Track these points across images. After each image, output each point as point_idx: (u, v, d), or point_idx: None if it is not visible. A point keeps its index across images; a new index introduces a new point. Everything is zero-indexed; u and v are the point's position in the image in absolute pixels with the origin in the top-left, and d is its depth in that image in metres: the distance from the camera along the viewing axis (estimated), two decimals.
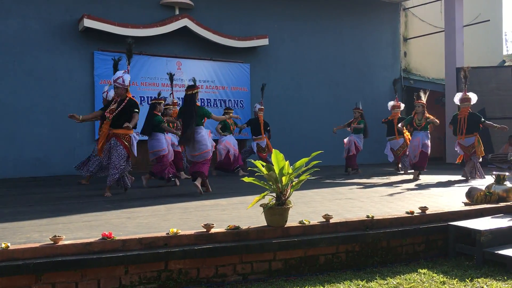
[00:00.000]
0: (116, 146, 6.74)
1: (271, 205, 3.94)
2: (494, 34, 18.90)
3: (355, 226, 4.25)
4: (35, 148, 10.41)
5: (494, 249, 4.20)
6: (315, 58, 14.26)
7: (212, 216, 4.94)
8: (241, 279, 3.74)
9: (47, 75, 10.65)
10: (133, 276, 3.44)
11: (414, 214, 4.61)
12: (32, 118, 10.43)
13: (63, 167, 10.54)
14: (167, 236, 3.60)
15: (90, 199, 6.50)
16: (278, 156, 3.92)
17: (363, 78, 15.02)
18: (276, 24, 13.57)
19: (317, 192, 7.13)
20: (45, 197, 6.78)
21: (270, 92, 13.21)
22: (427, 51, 16.69)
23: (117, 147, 6.73)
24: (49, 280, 3.23)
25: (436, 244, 4.59)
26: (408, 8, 16.49)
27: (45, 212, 5.25)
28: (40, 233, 3.99)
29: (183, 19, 11.76)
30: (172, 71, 10.93)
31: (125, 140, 6.79)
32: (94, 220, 4.68)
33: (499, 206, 5.19)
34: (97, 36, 10.93)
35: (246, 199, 6.13)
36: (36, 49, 10.56)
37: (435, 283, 3.67)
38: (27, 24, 10.49)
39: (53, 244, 3.32)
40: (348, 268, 4.10)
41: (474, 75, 13.34)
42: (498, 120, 13.12)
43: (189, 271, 3.60)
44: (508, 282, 3.67)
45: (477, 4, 17.37)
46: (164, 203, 6.01)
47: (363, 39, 15.23)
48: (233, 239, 3.77)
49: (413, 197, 6.51)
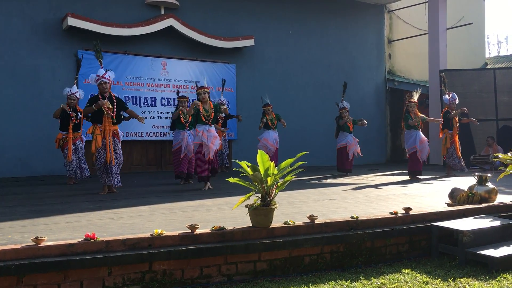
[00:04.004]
0: (117, 143, 7.12)
1: (256, 205, 3.94)
2: (476, 37, 19.18)
3: (340, 226, 4.27)
4: (17, 148, 10.26)
5: (476, 249, 4.25)
6: (300, 59, 14.31)
7: (197, 216, 4.92)
8: (226, 280, 3.73)
9: (29, 74, 10.51)
10: (116, 278, 3.41)
11: (398, 214, 4.65)
12: (14, 118, 10.28)
13: (45, 167, 10.41)
14: (152, 237, 3.57)
15: (73, 199, 6.43)
16: (263, 156, 3.91)
17: (348, 79, 14.98)
18: (261, 25, 13.58)
19: (302, 193, 7.14)
20: (27, 198, 6.69)
21: (256, 92, 13.21)
22: (411, 53, 16.86)
23: (118, 144, 7.13)
24: (31, 282, 3.18)
25: (419, 244, 4.63)
26: (393, 11, 16.64)
27: (27, 213, 5.18)
28: (22, 234, 3.93)
29: (168, 18, 11.70)
30: (158, 71, 10.90)
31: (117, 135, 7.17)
32: (77, 221, 4.63)
33: (481, 206, 5.26)
34: (81, 35, 10.81)
35: (231, 200, 6.12)
36: (19, 48, 10.42)
37: (418, 283, 3.71)
38: (10, 22, 10.34)
39: (35, 245, 3.27)
40: (332, 268, 4.11)
41: (457, 78, 13.57)
42: (480, 122, 13.36)
43: (174, 272, 3.57)
44: (489, 282, 3.72)
45: (461, 7, 17.61)
46: (149, 203, 5.97)
47: (348, 41, 15.33)
48: (218, 240, 3.76)
49: (397, 198, 6.57)
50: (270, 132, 10.64)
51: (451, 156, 10.24)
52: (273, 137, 10.64)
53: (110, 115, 6.95)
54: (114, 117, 7.04)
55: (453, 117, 10.13)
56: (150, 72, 11.86)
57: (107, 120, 6.97)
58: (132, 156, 11.74)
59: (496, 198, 5.60)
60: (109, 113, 6.93)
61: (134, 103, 11.63)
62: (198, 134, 7.52)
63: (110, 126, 7.00)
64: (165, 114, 11.96)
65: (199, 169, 7.62)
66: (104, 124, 6.96)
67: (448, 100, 10.33)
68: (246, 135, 12.25)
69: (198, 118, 7.59)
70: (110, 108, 6.94)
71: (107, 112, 6.90)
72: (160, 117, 11.95)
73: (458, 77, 13.67)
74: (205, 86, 7.73)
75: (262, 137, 10.64)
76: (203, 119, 7.53)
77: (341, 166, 10.74)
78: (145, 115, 11.76)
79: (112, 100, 7.06)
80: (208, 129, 7.52)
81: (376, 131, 15.69)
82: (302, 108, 14.22)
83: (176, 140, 8.63)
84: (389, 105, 16.26)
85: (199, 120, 7.58)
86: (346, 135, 10.67)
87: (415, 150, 9.58)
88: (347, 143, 10.60)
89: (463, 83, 13.55)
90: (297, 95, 14.21)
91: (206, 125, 7.54)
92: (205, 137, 7.44)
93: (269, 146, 10.43)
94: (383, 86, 16.08)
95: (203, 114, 7.51)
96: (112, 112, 6.97)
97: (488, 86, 13.66)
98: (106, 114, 6.92)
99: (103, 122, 6.96)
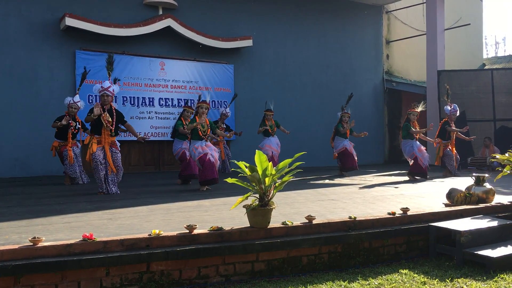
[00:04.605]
0: (116, 152, 7.21)
1: (254, 206, 3.94)
2: (474, 38, 19.22)
3: (338, 227, 4.27)
4: (14, 148, 10.24)
5: (474, 249, 4.26)
6: (298, 59, 14.32)
7: (195, 217, 4.91)
8: (223, 280, 3.73)
9: (27, 74, 10.50)
10: (114, 278, 3.40)
11: (396, 215, 4.65)
12: (11, 118, 10.27)
13: (43, 168, 10.40)
14: (149, 237, 3.57)
15: (71, 200, 6.42)
16: (261, 157, 3.92)
17: (346, 80, 15.14)
18: (260, 26, 13.59)
19: (300, 193, 7.15)
20: (24, 198, 6.67)
21: (254, 93, 13.23)
22: (409, 53, 16.89)
23: (117, 153, 7.22)
24: (28, 282, 3.18)
25: (417, 244, 4.64)
26: (391, 11, 16.66)
27: (24, 213, 5.17)
28: (19, 235, 3.93)
29: (166, 19, 11.70)
30: (156, 71, 10.88)
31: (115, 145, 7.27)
32: (74, 222, 4.62)
33: (478, 207, 5.27)
34: (79, 35, 10.81)
35: (229, 200, 6.11)
36: (17, 48, 10.41)
37: (416, 283, 3.71)
38: (7, 22, 10.33)
39: (33, 245, 3.27)
40: (330, 268, 4.12)
41: (454, 78, 13.60)
42: (477, 122, 13.36)
43: (171, 272, 3.57)
44: (487, 282, 3.72)
45: (458, 8, 17.65)
46: (147, 204, 5.96)
47: (346, 42, 15.35)
48: (216, 240, 3.76)
49: (395, 198, 6.58)
50: (271, 139, 10.67)
51: (450, 161, 10.29)
52: (275, 143, 10.70)
53: (109, 127, 7.03)
54: (113, 130, 7.13)
55: (451, 132, 10.19)
56: (148, 72, 11.85)
57: (105, 132, 7.05)
58: (130, 157, 11.73)
59: (494, 198, 5.62)
60: (108, 125, 7.00)
61: (132, 103, 11.63)
62: (197, 151, 7.47)
63: (108, 138, 7.09)
64: (163, 114, 11.96)
65: (208, 173, 7.45)
66: (103, 136, 7.05)
67: (450, 111, 10.35)
68: (245, 136, 12.23)
69: (194, 133, 7.56)
70: (110, 121, 7.03)
71: (106, 124, 6.98)
72: (158, 117, 11.94)
73: (455, 77, 13.70)
74: (207, 102, 7.70)
75: (263, 144, 10.58)
76: (200, 134, 7.53)
77: (350, 165, 10.71)
78: (143, 115, 11.77)
79: (112, 113, 7.12)
80: (206, 144, 7.57)
81: (374, 131, 15.69)
82: (300, 109, 14.23)
83: (178, 147, 8.51)
84: (387, 106, 16.27)
85: (196, 136, 7.56)
86: (342, 140, 10.70)
87: (416, 157, 9.57)
88: (345, 146, 10.62)
89: (460, 83, 13.58)
90: (295, 96, 14.21)
91: (203, 140, 7.56)
92: (206, 150, 7.49)
93: (274, 151, 10.51)
94: (381, 86, 16.10)
95: (200, 129, 7.50)
96: (111, 125, 7.05)
97: (486, 86, 13.68)
98: (105, 126, 6.99)
99: (102, 134, 7.06)
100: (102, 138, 7.05)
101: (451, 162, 10.27)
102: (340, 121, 10.76)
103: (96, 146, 6.99)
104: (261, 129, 10.58)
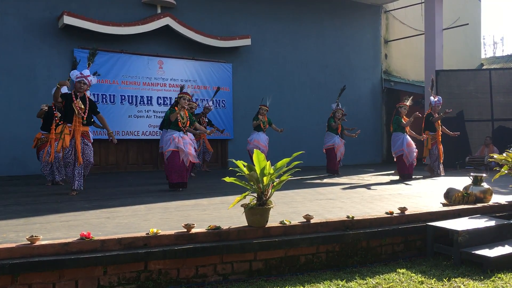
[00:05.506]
0: (88, 144, 6.92)
1: (252, 205, 3.93)
2: (472, 38, 19.26)
3: (336, 226, 4.27)
4: (12, 146, 10.22)
5: (471, 249, 4.26)
6: (297, 59, 14.32)
7: (193, 216, 4.91)
8: (221, 280, 3.73)
9: (25, 72, 10.48)
10: (112, 277, 3.40)
11: (394, 214, 4.66)
12: (9, 116, 10.25)
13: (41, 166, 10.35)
14: (147, 236, 3.56)
15: (68, 198, 6.41)
16: (259, 156, 3.91)
17: (344, 79, 15.12)
18: (258, 25, 13.58)
19: (298, 193, 7.15)
20: (22, 197, 6.66)
21: (252, 92, 13.23)
22: (407, 53, 16.91)
23: (88, 145, 6.92)
24: (26, 281, 3.17)
25: (414, 244, 4.64)
26: (389, 11, 16.68)
27: (22, 212, 5.16)
28: (16, 233, 3.92)
29: (165, 17, 11.69)
30: (154, 70, 10.86)
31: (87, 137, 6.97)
32: (72, 220, 4.61)
33: (476, 207, 5.27)
34: (77, 34, 10.79)
35: (227, 199, 6.11)
36: (14, 46, 10.39)
37: (413, 282, 3.72)
38: (5, 21, 10.30)
39: (30, 244, 3.26)
40: (328, 268, 4.12)
41: (453, 78, 13.61)
42: (475, 122, 13.37)
43: (169, 271, 3.57)
44: (484, 282, 3.73)
45: (457, 8, 17.68)
46: (145, 202, 5.96)
47: (345, 41, 15.36)
48: (214, 239, 3.76)
49: (392, 197, 6.58)
50: (260, 134, 10.49)
51: (434, 159, 10.24)
52: (264, 139, 10.53)
53: (81, 115, 6.79)
54: (85, 118, 6.84)
55: (436, 121, 10.15)
56: (146, 71, 11.84)
57: (77, 120, 6.79)
58: (128, 155, 11.73)
59: (491, 198, 5.63)
60: (80, 113, 6.77)
61: (130, 102, 11.62)
62: (173, 141, 7.24)
63: (80, 126, 6.81)
64: (161, 113, 11.94)
65: (175, 176, 7.27)
66: (74, 124, 6.79)
67: (435, 102, 10.33)
68: (242, 135, 12.24)
69: (174, 123, 7.38)
70: (82, 108, 6.80)
71: (78, 111, 6.76)
72: (156, 116, 11.93)
73: (454, 77, 13.72)
74: (188, 93, 7.69)
75: (252, 138, 10.42)
76: (180, 125, 7.36)
77: (332, 167, 10.68)
78: (141, 114, 11.77)
79: (85, 101, 6.90)
80: (182, 136, 7.33)
81: (372, 131, 15.73)
82: (298, 108, 14.24)
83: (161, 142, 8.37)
84: (385, 105, 16.30)
85: (175, 126, 7.38)
86: (333, 136, 10.60)
87: (402, 153, 9.55)
88: (334, 143, 10.54)
89: (459, 83, 13.60)
90: (293, 95, 14.22)
91: (181, 131, 7.35)
92: (181, 143, 7.23)
93: (261, 147, 10.25)
94: (379, 86, 16.11)
95: (180, 120, 7.35)
96: (83, 112, 6.81)
97: (484, 86, 13.71)
98: (77, 113, 6.76)
99: (73, 122, 6.79)
100: (73, 126, 6.78)
101: (436, 163, 10.21)
102: (333, 116, 10.67)
103: (69, 138, 6.71)
104: (256, 122, 10.44)
